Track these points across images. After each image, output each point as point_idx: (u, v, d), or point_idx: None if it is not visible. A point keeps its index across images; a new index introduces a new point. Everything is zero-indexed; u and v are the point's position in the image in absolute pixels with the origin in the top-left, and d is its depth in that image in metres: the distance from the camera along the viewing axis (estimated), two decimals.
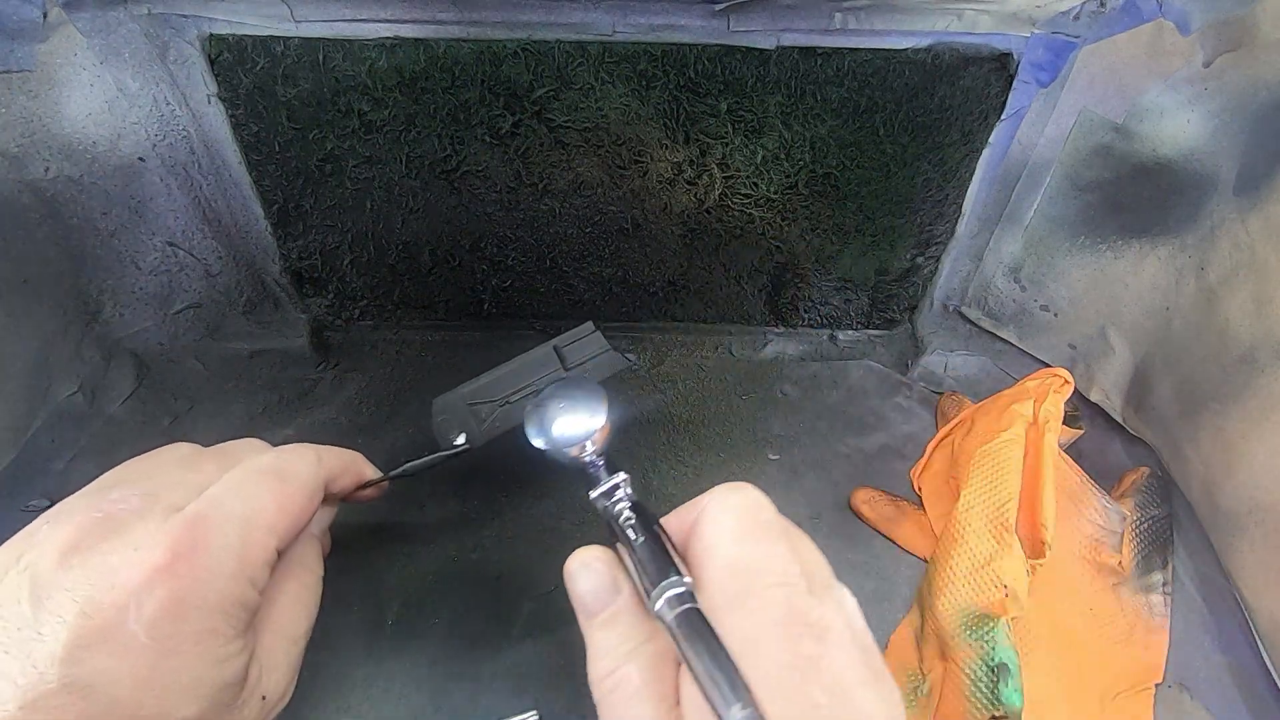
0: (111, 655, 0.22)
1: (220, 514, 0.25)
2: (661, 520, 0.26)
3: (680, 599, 0.22)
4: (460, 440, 0.38)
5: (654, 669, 0.23)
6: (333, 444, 0.52)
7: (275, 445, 0.51)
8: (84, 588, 0.22)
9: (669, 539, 0.25)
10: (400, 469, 0.37)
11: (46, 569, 0.23)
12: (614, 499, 0.27)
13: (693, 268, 0.59)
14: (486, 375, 0.40)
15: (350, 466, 0.34)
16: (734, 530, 0.24)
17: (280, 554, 0.28)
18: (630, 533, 0.25)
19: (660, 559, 0.23)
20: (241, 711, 0.25)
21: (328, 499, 0.32)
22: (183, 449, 0.30)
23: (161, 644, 0.22)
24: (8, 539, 0.24)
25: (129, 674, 0.22)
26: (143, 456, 0.29)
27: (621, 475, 0.28)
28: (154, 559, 0.23)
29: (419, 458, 0.37)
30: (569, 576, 0.26)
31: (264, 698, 0.26)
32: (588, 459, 0.31)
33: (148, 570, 0.23)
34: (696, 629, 0.21)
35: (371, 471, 0.36)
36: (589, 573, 0.25)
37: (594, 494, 0.28)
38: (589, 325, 0.42)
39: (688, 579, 0.22)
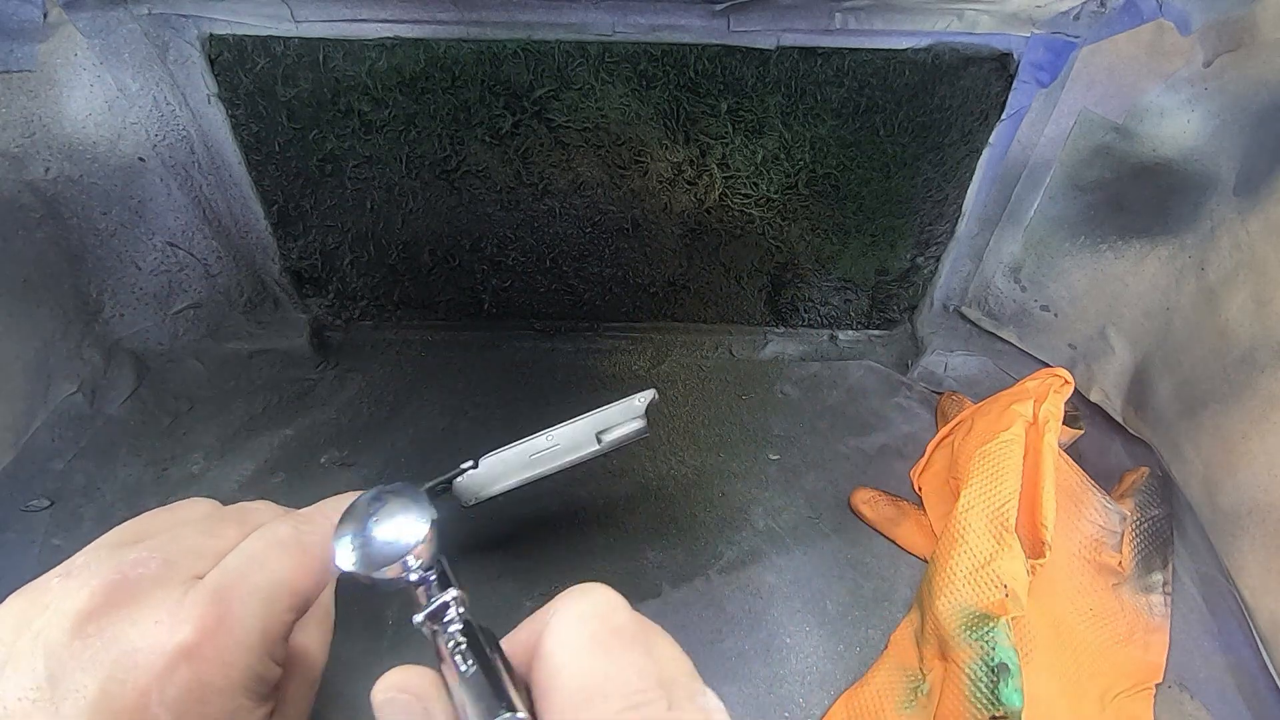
0: None
1: (244, 588, 0.24)
2: (505, 639, 0.23)
3: None
4: (468, 464, 0.38)
5: None
6: (332, 444, 0.53)
7: (275, 446, 0.52)
8: (104, 665, 0.21)
9: (506, 664, 0.22)
10: None
11: (60, 639, 0.21)
12: (443, 620, 0.24)
13: (693, 268, 0.59)
14: (523, 442, 0.40)
15: None
16: (580, 643, 0.21)
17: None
18: (459, 660, 0.22)
19: (491, 689, 0.20)
20: None
21: None
22: (201, 507, 0.29)
23: None
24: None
25: None
26: (159, 511, 0.28)
27: (453, 592, 0.25)
28: (178, 639, 0.22)
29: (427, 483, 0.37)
30: (376, 707, 0.22)
31: None
32: (412, 577, 0.26)
33: (171, 651, 0.22)
34: None
35: None
36: (392, 707, 0.22)
37: (418, 618, 0.24)
38: (640, 413, 0.40)
39: (521, 714, 0.19)
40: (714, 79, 0.48)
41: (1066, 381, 0.48)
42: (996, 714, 0.34)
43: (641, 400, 0.40)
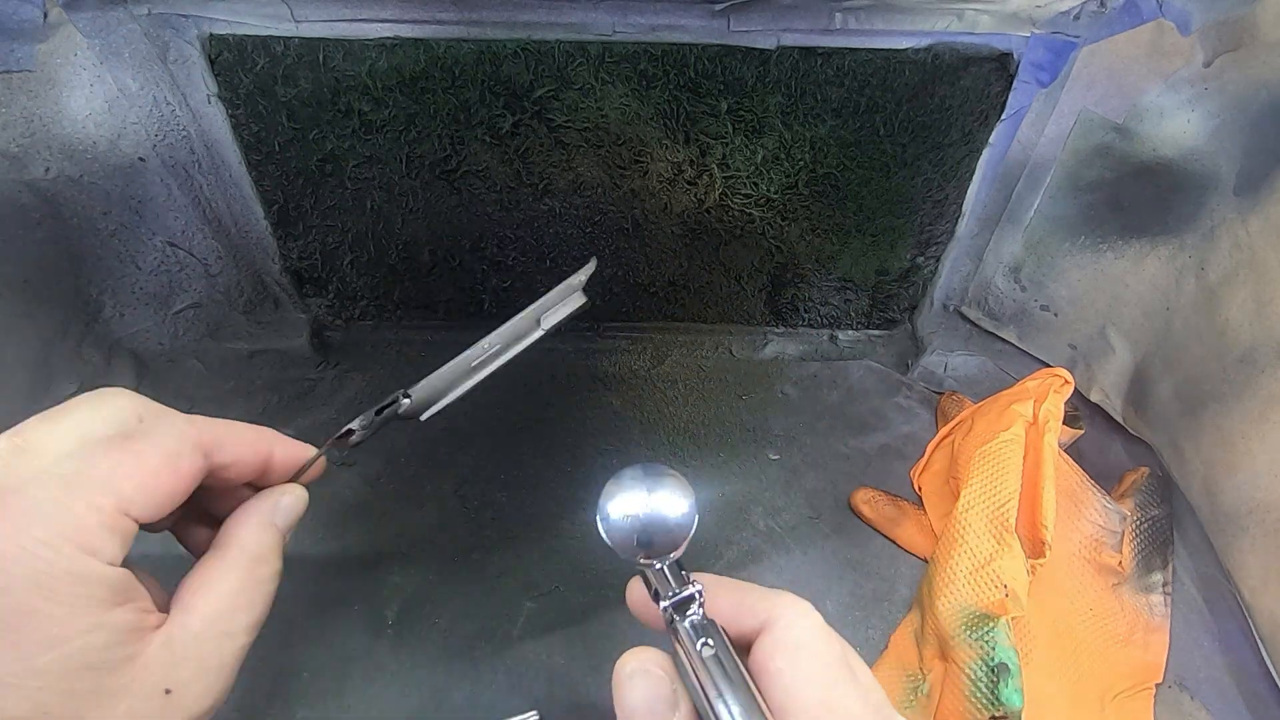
0: None
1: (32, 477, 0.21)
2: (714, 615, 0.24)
3: None
4: (404, 398, 0.34)
5: None
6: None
7: None
8: None
9: (750, 678, 0.22)
10: (338, 434, 0.32)
11: None
12: (688, 613, 0.24)
13: (693, 268, 0.59)
14: (461, 356, 0.36)
15: (246, 436, 0.28)
16: (819, 671, 0.22)
17: (160, 528, 0.24)
18: (717, 668, 0.22)
19: (753, 711, 0.21)
20: (121, 704, 0.21)
21: (222, 471, 0.27)
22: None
23: None
24: None
25: None
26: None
27: (698, 586, 0.25)
28: None
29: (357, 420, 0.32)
30: (620, 680, 0.23)
31: (168, 691, 0.22)
32: (663, 564, 0.26)
33: None
34: None
35: (286, 447, 0.31)
36: (647, 680, 0.22)
37: (664, 603, 0.25)
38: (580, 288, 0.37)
39: None
40: (714, 79, 0.48)
41: (1066, 381, 0.48)
42: (996, 714, 0.34)
43: (583, 275, 0.37)
